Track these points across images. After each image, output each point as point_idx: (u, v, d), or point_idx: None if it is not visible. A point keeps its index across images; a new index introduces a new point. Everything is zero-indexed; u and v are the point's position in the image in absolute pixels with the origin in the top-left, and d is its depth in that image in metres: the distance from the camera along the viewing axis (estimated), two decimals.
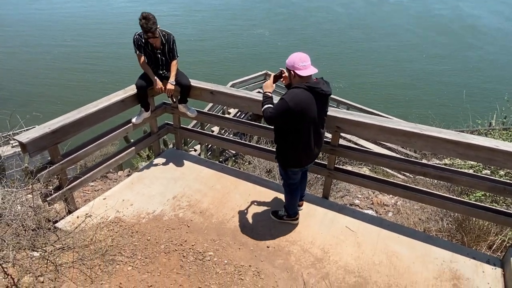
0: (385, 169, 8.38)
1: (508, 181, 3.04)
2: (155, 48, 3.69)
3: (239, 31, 27.02)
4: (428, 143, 2.98)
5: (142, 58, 3.71)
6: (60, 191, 3.29)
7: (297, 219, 3.43)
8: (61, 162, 3.20)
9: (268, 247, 3.19)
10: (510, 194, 3.02)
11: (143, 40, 3.62)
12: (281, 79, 2.98)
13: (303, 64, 2.71)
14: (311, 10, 33.11)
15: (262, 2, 35.53)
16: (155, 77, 3.75)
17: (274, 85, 2.99)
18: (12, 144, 7.24)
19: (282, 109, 2.69)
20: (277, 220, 3.44)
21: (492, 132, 6.23)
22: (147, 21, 3.40)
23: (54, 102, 15.41)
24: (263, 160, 6.37)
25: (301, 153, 2.93)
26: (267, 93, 2.94)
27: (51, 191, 3.22)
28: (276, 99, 2.91)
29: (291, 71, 2.77)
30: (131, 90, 3.77)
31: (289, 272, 2.94)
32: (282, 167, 3.12)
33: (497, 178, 3.11)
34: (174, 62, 3.81)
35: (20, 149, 3.11)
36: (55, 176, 3.32)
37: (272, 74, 2.98)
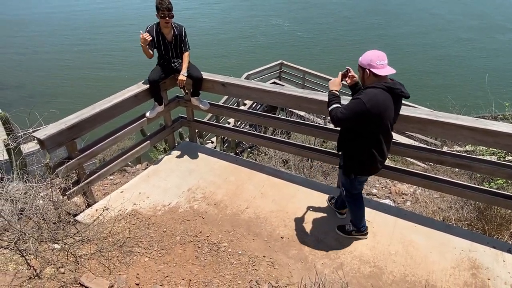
0: (404, 157, 8.22)
1: None
2: (166, 40, 3.72)
3: (257, 22, 26.71)
4: (445, 130, 2.89)
5: (149, 51, 3.66)
6: (78, 185, 3.38)
7: (367, 233, 3.17)
8: (78, 157, 3.28)
9: (282, 237, 3.19)
10: None
11: (156, 32, 3.65)
12: (346, 78, 2.77)
13: (381, 63, 2.45)
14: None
15: None
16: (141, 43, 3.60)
17: (341, 83, 2.74)
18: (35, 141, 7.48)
19: (357, 110, 2.43)
20: (346, 236, 3.17)
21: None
22: (163, 0, 3.43)
23: (72, 99, 15.76)
24: (278, 150, 6.36)
25: (374, 159, 2.67)
26: (334, 91, 2.70)
27: (70, 185, 3.31)
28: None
29: (366, 70, 2.50)
30: (144, 84, 3.81)
31: (303, 263, 2.95)
32: (348, 175, 2.84)
33: None
34: (186, 54, 3.83)
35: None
36: (74, 171, 3.41)
37: (340, 72, 2.74)
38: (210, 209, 3.54)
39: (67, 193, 3.25)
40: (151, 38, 3.59)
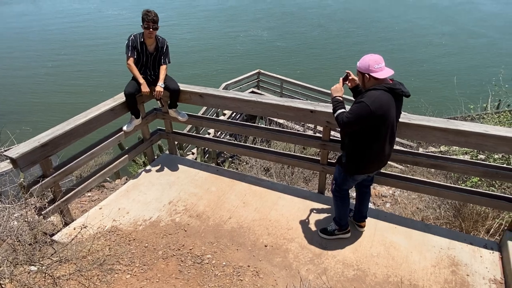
0: None
1: (500, 165, 3.05)
2: (148, 51, 3.71)
3: (235, 33, 26.86)
4: (418, 132, 2.99)
5: (132, 59, 3.69)
6: (54, 204, 3.28)
7: (349, 231, 3.22)
8: (53, 175, 3.19)
9: (266, 246, 3.19)
10: (503, 177, 3.03)
11: (139, 42, 3.66)
12: (347, 82, 2.83)
13: (379, 66, 2.52)
14: (306, 7, 33.13)
15: (256, 2, 35.50)
16: (143, 81, 3.75)
17: (343, 88, 2.79)
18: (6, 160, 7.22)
19: (362, 112, 2.48)
20: (328, 238, 3.20)
21: (485, 117, 6.25)
22: (149, 13, 3.54)
23: (45, 116, 15.33)
24: (259, 159, 6.38)
25: (376, 158, 2.73)
26: (337, 98, 2.74)
27: (45, 204, 3.21)
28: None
29: (365, 74, 2.57)
30: (120, 98, 3.76)
31: (288, 270, 2.95)
32: (347, 173, 2.88)
33: (489, 163, 3.12)
34: (164, 67, 3.84)
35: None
36: (49, 189, 3.31)
37: (340, 78, 2.80)
38: (192, 221, 3.50)
39: (42, 213, 3.14)
40: (148, 90, 3.74)
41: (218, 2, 36.19)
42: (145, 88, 3.73)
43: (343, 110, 2.64)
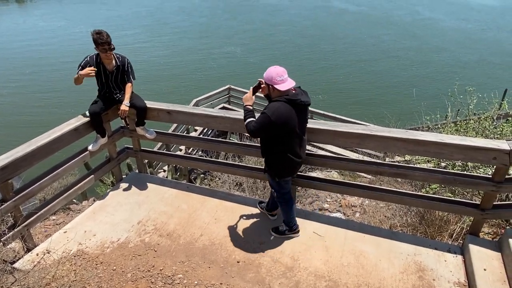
0: (352, 171, 8.60)
1: (456, 171, 3.22)
2: (107, 71, 3.64)
3: (208, 50, 26.90)
4: (380, 143, 3.11)
5: (80, 78, 3.48)
6: (15, 229, 3.12)
7: (299, 231, 3.45)
8: (14, 199, 3.05)
9: (238, 262, 3.17)
10: (460, 183, 3.20)
11: (96, 63, 3.56)
12: (260, 90, 2.99)
13: (281, 79, 2.77)
14: (276, 25, 33.89)
15: (228, 20, 35.92)
16: (84, 71, 3.45)
17: (253, 97, 3.02)
18: None
19: (264, 123, 2.76)
20: (280, 237, 3.42)
21: (442, 127, 6.59)
22: (100, 35, 3.38)
23: (6, 136, 14.64)
24: (231, 174, 6.37)
25: (290, 162, 2.99)
26: (247, 107, 2.98)
27: (5, 230, 3.05)
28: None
29: (270, 86, 2.83)
30: (84, 117, 3.67)
31: (260, 285, 2.94)
32: (274, 178, 3.14)
33: (446, 170, 3.29)
34: (129, 85, 3.79)
35: None
36: (9, 214, 3.15)
37: (251, 87, 2.99)
38: (162, 241, 3.42)
39: (2, 239, 2.98)
40: (95, 72, 3.51)
41: (189, 19, 36.32)
42: (86, 71, 3.41)
43: (252, 119, 2.89)
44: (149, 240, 3.44)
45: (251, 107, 2.98)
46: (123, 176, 4.53)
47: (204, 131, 11.83)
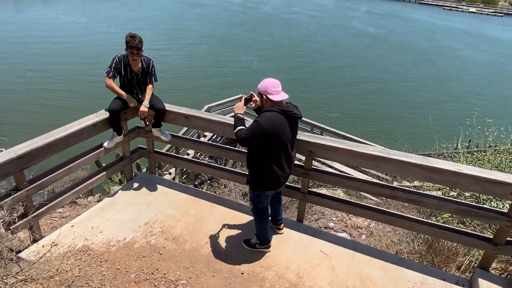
0: (358, 192, 8.54)
1: (472, 203, 3.17)
2: (133, 72, 3.71)
3: (225, 58, 27.11)
4: (396, 167, 3.09)
5: (111, 80, 3.65)
6: (25, 219, 3.14)
7: (269, 246, 3.39)
8: (27, 189, 3.07)
9: (242, 273, 3.14)
10: (475, 215, 3.15)
11: (123, 64, 3.65)
12: (251, 103, 3.07)
13: (275, 90, 2.82)
14: (294, 39, 34.13)
15: (247, 30, 36.33)
16: (126, 94, 3.72)
17: (244, 107, 3.06)
18: None
19: (256, 131, 2.75)
20: (249, 249, 3.37)
21: (457, 156, 6.52)
22: (133, 38, 3.51)
23: (23, 127, 14.82)
24: (238, 183, 6.36)
25: (276, 175, 2.97)
26: (238, 115, 3.01)
27: (15, 219, 3.06)
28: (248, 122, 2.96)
29: (263, 96, 2.87)
30: (103, 114, 3.71)
31: None
32: (255, 191, 3.11)
33: (461, 201, 3.25)
34: (150, 86, 3.84)
35: None
36: (20, 203, 3.17)
37: (243, 97, 3.06)
38: (168, 244, 3.41)
39: (11, 228, 2.99)
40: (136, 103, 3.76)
41: (209, 26, 36.79)
42: (131, 101, 3.72)
43: (242, 127, 2.89)
44: (155, 242, 3.42)
45: (242, 116, 3.00)
46: (133, 176, 4.54)
47: (213, 137, 11.87)
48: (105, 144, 3.81)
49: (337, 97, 21.40)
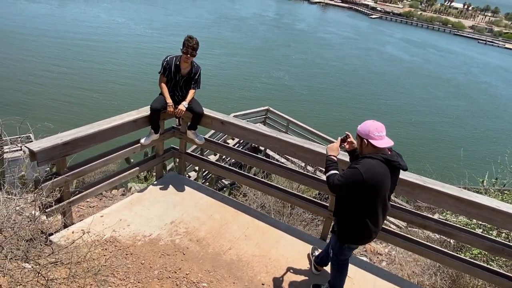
0: None
1: (506, 242, 3.06)
2: (180, 74, 3.84)
3: (256, 70, 27.34)
4: (431, 196, 3.03)
5: (164, 79, 3.88)
6: (60, 204, 3.26)
7: None
8: (66, 175, 3.19)
9: (263, 284, 3.13)
10: (508, 255, 3.04)
11: (174, 64, 3.80)
12: (345, 143, 2.74)
13: (379, 134, 2.44)
14: (327, 59, 34.15)
15: (281, 46, 36.62)
16: (171, 102, 3.86)
17: (339, 149, 2.72)
18: (10, 148, 7.12)
19: (354, 179, 2.40)
20: None
21: (488, 192, 6.31)
22: (191, 39, 3.69)
23: (65, 116, 15.43)
24: (258, 194, 6.37)
25: (368, 230, 2.60)
26: (332, 157, 2.65)
27: (51, 202, 3.18)
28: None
29: (364, 139, 2.50)
30: (144, 111, 3.84)
31: None
32: (341, 242, 2.76)
33: (496, 239, 3.14)
34: (192, 91, 3.96)
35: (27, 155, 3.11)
36: (58, 188, 3.30)
37: (339, 138, 2.74)
38: (191, 246, 3.45)
39: (47, 211, 3.11)
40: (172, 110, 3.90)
41: (243, 38, 37.27)
42: (170, 108, 3.84)
43: (336, 172, 2.55)
44: (179, 242, 3.47)
45: (335, 158, 2.65)
46: (163, 174, 4.63)
47: (236, 144, 11.96)
48: (142, 141, 3.92)
49: (361, 120, 21.14)
